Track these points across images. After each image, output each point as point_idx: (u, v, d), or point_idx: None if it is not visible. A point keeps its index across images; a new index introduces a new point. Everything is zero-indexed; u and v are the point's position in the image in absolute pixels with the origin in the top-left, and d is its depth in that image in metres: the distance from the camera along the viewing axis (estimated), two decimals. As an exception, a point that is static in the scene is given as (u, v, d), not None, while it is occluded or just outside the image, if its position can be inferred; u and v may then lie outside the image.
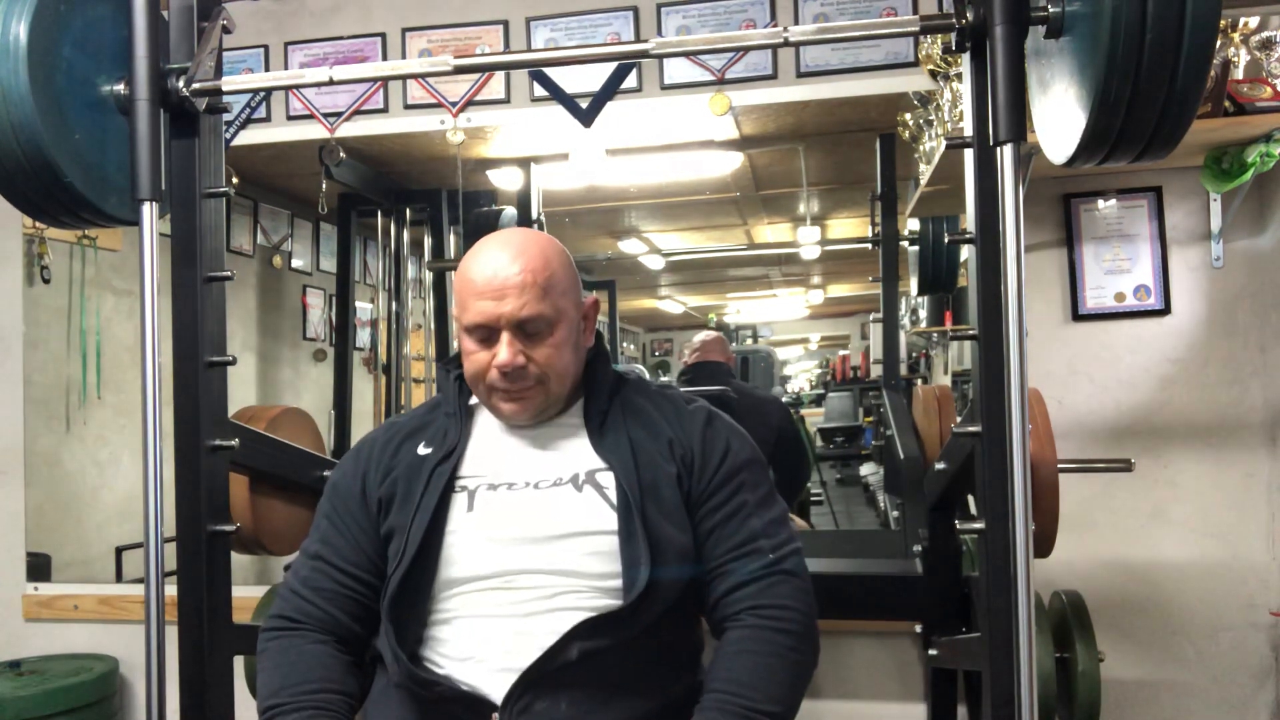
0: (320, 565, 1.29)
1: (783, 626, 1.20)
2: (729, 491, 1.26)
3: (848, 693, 2.17)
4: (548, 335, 1.24)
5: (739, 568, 1.23)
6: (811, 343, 5.57)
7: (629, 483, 1.22)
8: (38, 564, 2.57)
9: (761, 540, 1.24)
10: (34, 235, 2.59)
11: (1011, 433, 1.11)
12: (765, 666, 1.18)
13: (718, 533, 1.25)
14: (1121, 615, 2.11)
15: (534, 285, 1.22)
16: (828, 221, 3.41)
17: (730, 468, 1.28)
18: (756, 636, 1.20)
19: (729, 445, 1.30)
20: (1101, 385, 2.15)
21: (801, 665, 1.21)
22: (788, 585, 1.23)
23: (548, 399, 1.28)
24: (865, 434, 4.10)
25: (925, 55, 2.06)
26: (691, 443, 1.28)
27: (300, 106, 2.41)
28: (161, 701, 1.27)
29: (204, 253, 1.42)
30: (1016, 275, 1.10)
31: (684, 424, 1.30)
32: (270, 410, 1.97)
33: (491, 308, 1.22)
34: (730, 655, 1.20)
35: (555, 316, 1.25)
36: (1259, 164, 1.86)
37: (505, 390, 1.25)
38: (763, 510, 1.27)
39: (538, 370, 1.25)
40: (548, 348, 1.24)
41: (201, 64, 1.36)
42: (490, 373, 1.24)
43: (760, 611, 1.21)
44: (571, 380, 1.30)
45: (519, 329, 1.23)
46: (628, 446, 1.26)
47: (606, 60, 1.47)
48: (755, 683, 1.16)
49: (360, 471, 1.33)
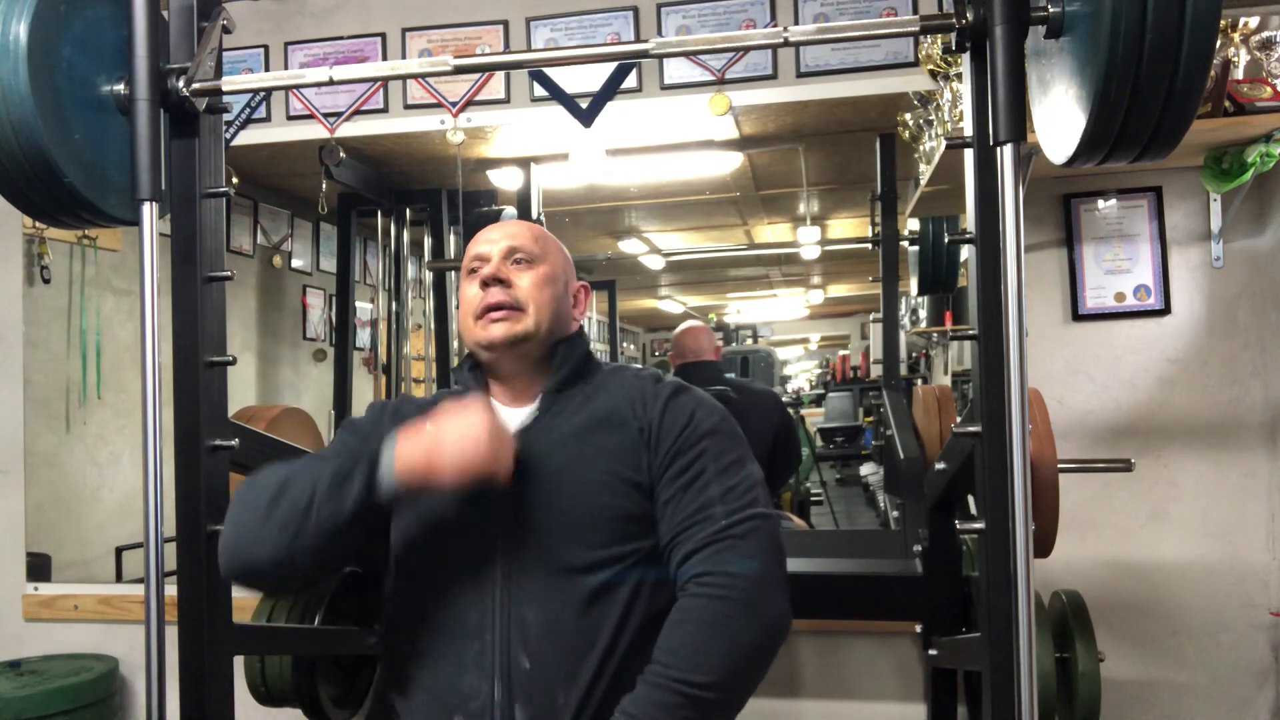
0: (316, 459, 1.30)
1: (722, 594, 1.16)
2: (688, 460, 1.25)
3: (848, 693, 2.17)
4: (531, 266, 1.33)
5: (689, 536, 1.21)
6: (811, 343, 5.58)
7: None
8: (38, 564, 2.57)
9: (716, 507, 1.22)
10: (34, 235, 2.59)
11: (1011, 433, 1.11)
12: (698, 636, 1.14)
13: (674, 503, 1.24)
14: (1121, 615, 2.11)
15: (527, 233, 1.37)
16: (828, 221, 3.42)
17: (691, 436, 1.26)
18: (694, 605, 1.16)
19: (693, 415, 1.28)
20: (1101, 385, 2.15)
21: (741, 634, 1.15)
22: (734, 552, 1.19)
23: (527, 330, 1.30)
24: (865, 434, 4.10)
25: (925, 55, 2.06)
26: (651, 417, 1.28)
27: (300, 106, 2.41)
28: (161, 701, 1.27)
29: (204, 253, 1.42)
30: (1016, 275, 1.10)
31: (647, 401, 1.30)
32: (270, 410, 1.97)
33: (486, 246, 1.36)
34: (668, 626, 1.17)
35: (542, 256, 1.35)
36: (1259, 164, 1.86)
37: (489, 311, 1.31)
38: (724, 477, 1.24)
39: (517, 294, 1.31)
40: (532, 275, 1.33)
41: (201, 64, 1.36)
42: (477, 298, 1.32)
43: (702, 579, 1.17)
44: (548, 325, 1.33)
45: (506, 256, 1.34)
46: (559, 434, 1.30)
47: (606, 60, 1.47)
48: (685, 652, 1.13)
49: (377, 420, 1.40)
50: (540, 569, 1.23)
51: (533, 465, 1.26)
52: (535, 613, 1.21)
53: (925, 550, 1.90)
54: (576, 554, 1.22)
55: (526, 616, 1.21)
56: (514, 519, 1.24)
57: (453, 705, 1.21)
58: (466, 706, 1.20)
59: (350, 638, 1.87)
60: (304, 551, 1.18)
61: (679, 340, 2.84)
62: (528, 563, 1.23)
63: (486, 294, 1.31)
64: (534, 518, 1.24)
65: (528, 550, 1.23)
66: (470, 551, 1.26)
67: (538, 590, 1.22)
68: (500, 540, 1.25)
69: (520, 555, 1.23)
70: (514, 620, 1.21)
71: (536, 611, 1.21)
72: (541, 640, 1.20)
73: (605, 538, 1.23)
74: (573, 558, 1.22)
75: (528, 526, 1.24)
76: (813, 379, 5.61)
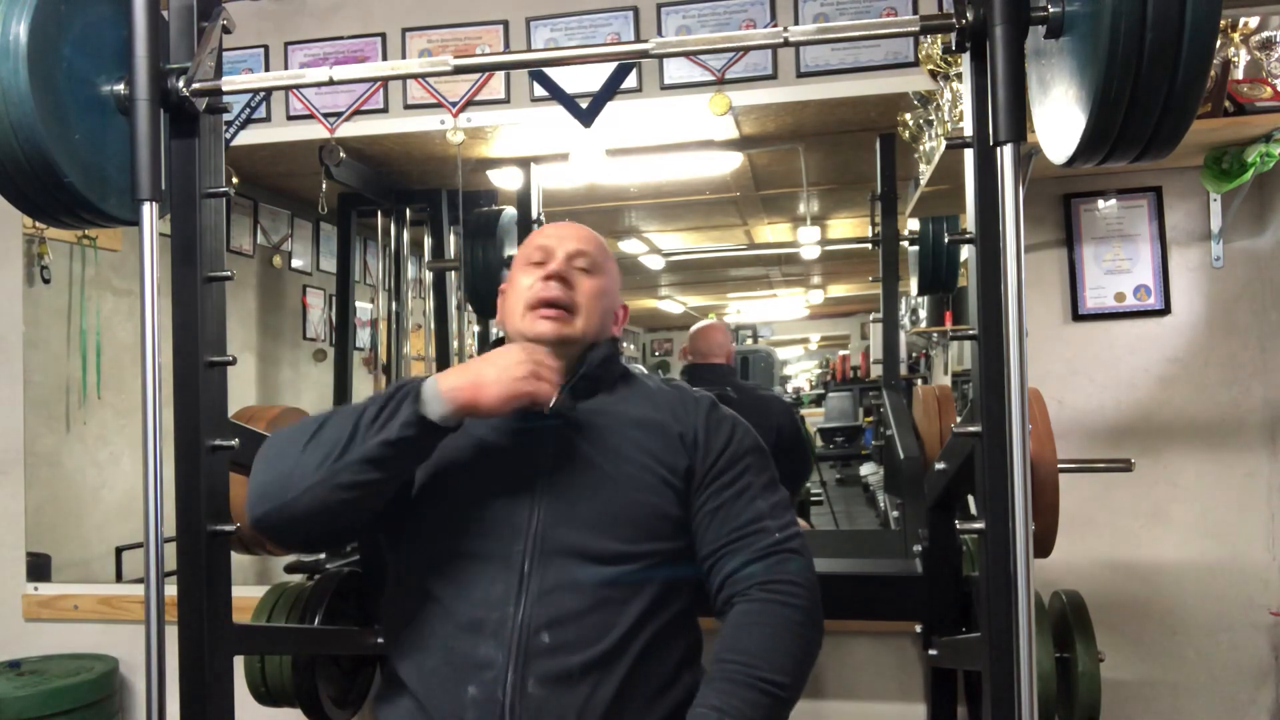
0: None
1: (791, 602, 1.23)
2: (735, 474, 1.31)
3: (848, 693, 2.17)
4: (592, 275, 1.37)
5: (746, 545, 1.26)
6: (811, 343, 5.57)
7: None
8: (38, 564, 2.57)
9: (767, 521, 1.28)
10: (34, 235, 2.59)
11: (1011, 433, 1.11)
12: (774, 639, 1.20)
13: (724, 511, 1.29)
14: (1121, 615, 2.11)
15: (590, 240, 1.41)
16: (828, 221, 3.42)
17: (736, 451, 1.32)
18: (765, 610, 1.22)
19: (734, 430, 1.35)
20: (1101, 385, 2.15)
21: (808, 641, 1.24)
22: (795, 563, 1.26)
23: (574, 333, 1.33)
24: (865, 434, 4.10)
25: (925, 55, 2.06)
26: (694, 424, 1.33)
27: (300, 106, 2.41)
28: (161, 701, 1.27)
29: (204, 253, 1.42)
30: (1016, 275, 1.10)
31: (687, 409, 1.35)
32: (270, 410, 1.97)
33: (553, 241, 1.38)
34: (739, 628, 1.22)
35: (602, 267, 1.39)
36: (1259, 164, 1.86)
37: (546, 305, 1.32)
38: (767, 494, 1.32)
39: (577, 297, 1.34)
40: (590, 284, 1.36)
41: (201, 64, 1.36)
42: (536, 286, 1.33)
43: (769, 587, 1.24)
44: (594, 335, 1.36)
45: (570, 258, 1.36)
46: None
47: (606, 60, 1.46)
48: (765, 653, 1.19)
49: None
50: (571, 554, 1.24)
51: (573, 449, 1.29)
52: (561, 596, 1.22)
53: (925, 550, 1.90)
54: (608, 544, 1.25)
55: (552, 597, 1.21)
56: (551, 498, 1.27)
57: (467, 674, 1.21)
58: (481, 676, 1.20)
59: (350, 638, 1.87)
60: (343, 487, 1.18)
61: (693, 338, 2.88)
62: (559, 545, 1.24)
63: (546, 286, 1.33)
64: (571, 502, 1.26)
65: (561, 533, 1.25)
66: (503, 523, 1.26)
67: (566, 575, 1.23)
68: (536, 517, 1.26)
69: (553, 536, 1.25)
70: (540, 598, 1.21)
71: (562, 595, 1.22)
72: (565, 622, 1.21)
73: (638, 533, 1.26)
74: (603, 547, 1.24)
75: (563, 510, 1.26)
76: (813, 379, 5.60)
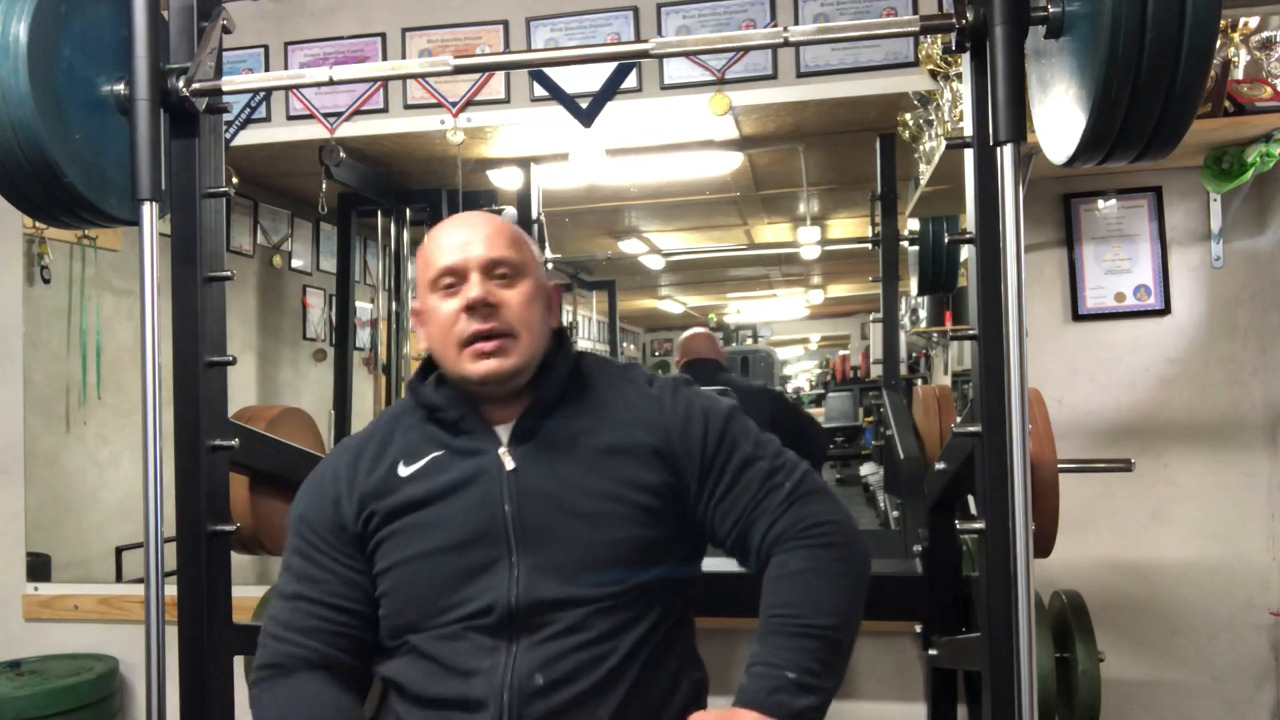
0: (300, 604, 1.22)
1: (825, 540, 1.18)
2: (725, 453, 1.23)
3: (848, 693, 2.17)
4: (516, 281, 1.21)
5: (765, 508, 1.20)
6: (811, 343, 5.57)
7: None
8: (38, 564, 2.57)
9: (777, 476, 1.22)
10: (34, 235, 2.59)
11: (1011, 433, 1.11)
12: (814, 583, 1.16)
13: (732, 493, 1.22)
14: (1121, 615, 2.11)
15: (500, 235, 1.22)
16: (828, 221, 3.42)
17: (716, 432, 1.24)
18: (800, 556, 1.17)
19: (706, 413, 1.25)
20: (1101, 385, 2.15)
21: (851, 575, 1.18)
22: (815, 503, 1.21)
23: (521, 356, 1.20)
24: (865, 434, 4.10)
25: (925, 55, 2.06)
26: (667, 427, 1.23)
27: (300, 106, 2.41)
28: (161, 701, 1.27)
29: (204, 253, 1.42)
30: (1016, 275, 1.10)
31: (653, 412, 1.24)
32: (270, 410, 1.97)
33: (459, 253, 1.20)
34: (777, 580, 1.17)
35: (523, 266, 1.22)
36: (1259, 164, 1.86)
37: (478, 339, 1.18)
38: (762, 449, 1.24)
39: (510, 318, 1.19)
40: (518, 294, 1.21)
41: (201, 64, 1.36)
42: (460, 322, 1.18)
43: (801, 532, 1.18)
44: (540, 348, 1.24)
45: (487, 270, 1.20)
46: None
47: (606, 60, 1.47)
48: (807, 600, 1.14)
49: (331, 498, 1.25)
50: (558, 607, 1.16)
51: (539, 497, 1.19)
52: (551, 643, 1.15)
53: (925, 550, 1.90)
54: (594, 590, 1.17)
55: (542, 648, 1.15)
56: (526, 551, 1.18)
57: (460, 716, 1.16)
58: (474, 716, 1.14)
59: (350, 638, 1.86)
60: None
61: (684, 344, 2.93)
62: (544, 602, 1.16)
63: (471, 320, 1.18)
64: (548, 555, 1.18)
65: (544, 589, 1.16)
66: (485, 592, 1.18)
67: (555, 624, 1.16)
68: (515, 580, 1.17)
69: (535, 595, 1.16)
70: (529, 650, 1.15)
71: (553, 642, 1.15)
72: (557, 661, 1.15)
73: (625, 570, 1.18)
74: (589, 594, 1.17)
75: (541, 563, 1.17)
76: (813, 379, 5.60)
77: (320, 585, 1.22)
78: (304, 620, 1.21)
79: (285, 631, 1.21)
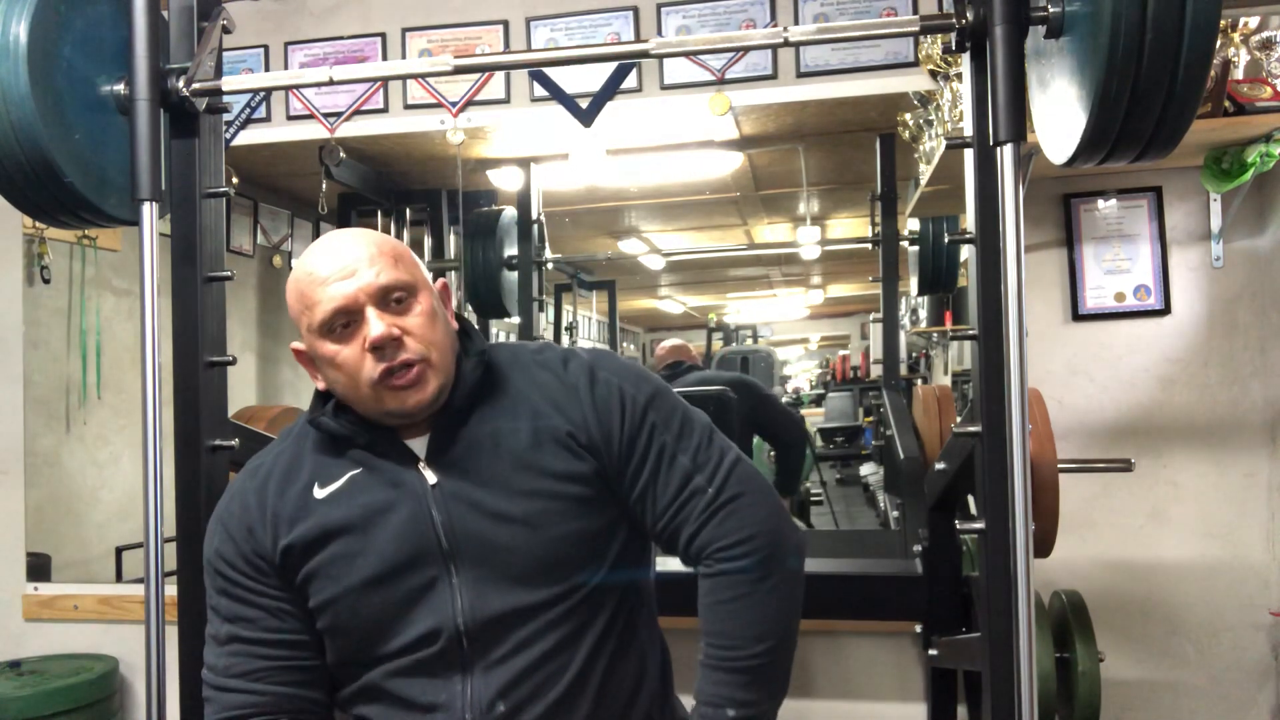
0: (239, 647, 1.16)
1: (743, 562, 1.14)
2: (644, 442, 1.17)
3: (848, 693, 2.17)
4: (412, 301, 1.14)
5: (686, 516, 1.16)
6: (811, 343, 5.58)
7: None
8: (38, 564, 2.57)
9: (696, 478, 1.16)
10: (34, 235, 2.59)
11: (1011, 433, 1.11)
12: (741, 611, 1.14)
13: (652, 489, 1.17)
14: (1121, 615, 2.11)
15: (382, 255, 1.13)
16: (828, 221, 3.42)
17: (634, 417, 1.17)
18: (728, 582, 1.15)
19: (622, 393, 1.18)
20: (1101, 385, 2.15)
21: (779, 591, 1.15)
22: (739, 513, 1.15)
23: (439, 377, 1.14)
24: (865, 434, 4.10)
25: (925, 55, 2.06)
26: (584, 414, 1.17)
27: (300, 106, 2.41)
28: (161, 701, 1.27)
29: (204, 253, 1.42)
30: (1016, 275, 1.10)
31: (568, 395, 1.18)
32: (270, 410, 1.97)
33: (346, 286, 1.10)
34: (707, 608, 1.16)
35: (413, 283, 1.14)
36: (1259, 164, 1.86)
37: (392, 376, 1.11)
38: (684, 442, 1.18)
39: (417, 345, 1.12)
40: (418, 316, 1.13)
41: (201, 64, 1.36)
42: (366, 363, 1.10)
43: (716, 554, 1.15)
44: (452, 359, 1.17)
45: (382, 300, 1.12)
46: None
47: (606, 60, 1.47)
48: (731, 630, 1.14)
49: (244, 528, 1.19)
50: (508, 617, 1.13)
51: (467, 510, 1.14)
52: (509, 660, 1.13)
53: (925, 550, 1.91)
54: (544, 592, 1.14)
55: (500, 668, 1.13)
56: (468, 566, 1.14)
57: None
58: None
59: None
60: None
61: (669, 351, 3.37)
62: (493, 615, 1.13)
63: (381, 357, 1.10)
64: (491, 566, 1.14)
65: (491, 602, 1.13)
66: (428, 615, 1.14)
67: (509, 637, 1.14)
68: (459, 598, 1.13)
69: (483, 610, 1.13)
70: (486, 671, 1.14)
71: (511, 659, 1.13)
72: (519, 683, 1.13)
73: (571, 567, 1.15)
74: (539, 597, 1.14)
75: (485, 575, 1.14)
76: (813, 379, 5.60)
77: (254, 624, 1.17)
78: (247, 664, 1.16)
79: (231, 680, 1.16)
